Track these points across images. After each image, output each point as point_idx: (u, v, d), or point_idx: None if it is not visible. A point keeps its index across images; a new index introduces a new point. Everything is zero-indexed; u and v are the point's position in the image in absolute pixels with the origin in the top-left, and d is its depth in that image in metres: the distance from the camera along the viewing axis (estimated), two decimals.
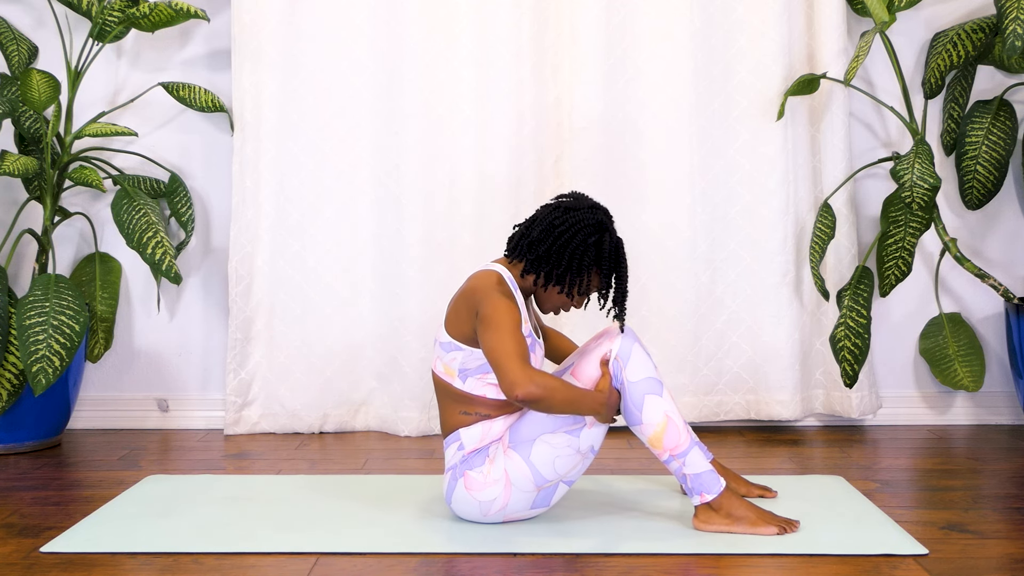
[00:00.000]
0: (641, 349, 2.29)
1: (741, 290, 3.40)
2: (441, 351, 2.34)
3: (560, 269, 2.29)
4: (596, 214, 2.31)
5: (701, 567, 2.08)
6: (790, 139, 3.37)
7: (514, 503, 2.29)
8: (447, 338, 2.32)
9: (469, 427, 2.33)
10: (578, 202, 2.34)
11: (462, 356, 2.30)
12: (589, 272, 2.30)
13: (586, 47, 3.35)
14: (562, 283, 2.31)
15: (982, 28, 3.27)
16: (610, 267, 2.31)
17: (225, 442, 3.32)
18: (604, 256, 2.29)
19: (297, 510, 2.49)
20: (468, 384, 2.32)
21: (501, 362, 2.17)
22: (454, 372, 2.32)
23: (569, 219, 2.29)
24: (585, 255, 2.28)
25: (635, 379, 2.26)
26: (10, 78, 3.32)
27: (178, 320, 3.56)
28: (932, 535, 2.29)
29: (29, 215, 3.50)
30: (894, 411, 3.52)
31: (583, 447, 2.27)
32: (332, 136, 3.41)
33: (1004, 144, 3.33)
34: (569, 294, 2.32)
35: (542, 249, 2.30)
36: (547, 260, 2.30)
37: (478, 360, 2.29)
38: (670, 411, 2.26)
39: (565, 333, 3.28)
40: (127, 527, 2.36)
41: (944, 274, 3.52)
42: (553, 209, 2.33)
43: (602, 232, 2.30)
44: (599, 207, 2.34)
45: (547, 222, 2.31)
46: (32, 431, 3.18)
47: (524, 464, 2.26)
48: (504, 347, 2.18)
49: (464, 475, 2.30)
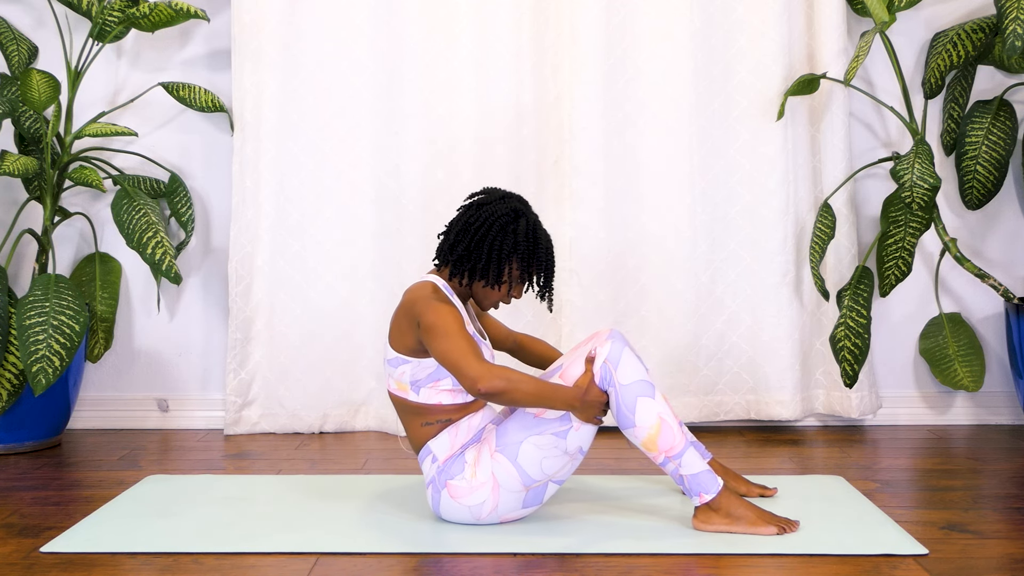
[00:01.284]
0: (631, 352, 2.28)
1: (741, 290, 3.40)
2: (390, 368, 2.36)
3: (481, 263, 2.30)
4: (508, 203, 2.34)
5: (701, 567, 2.08)
6: (790, 139, 3.37)
7: (504, 504, 2.30)
8: (393, 354, 2.34)
9: (436, 438, 2.34)
10: (489, 196, 2.37)
11: (411, 369, 2.32)
12: (509, 261, 2.31)
13: (586, 47, 3.35)
14: (485, 277, 2.32)
15: (982, 28, 3.27)
16: (527, 251, 2.31)
17: (225, 442, 3.32)
18: (520, 241, 2.30)
19: (297, 510, 2.49)
20: (422, 395, 2.33)
21: (457, 363, 2.20)
22: (407, 386, 2.34)
23: (482, 213, 2.32)
24: (503, 245, 2.30)
25: (626, 382, 2.25)
26: (10, 78, 3.32)
27: (178, 320, 3.56)
28: (932, 535, 2.29)
29: (29, 215, 3.50)
30: (894, 411, 3.52)
31: (571, 448, 2.27)
32: (332, 136, 3.41)
33: (1004, 144, 3.33)
34: (495, 286, 2.33)
35: (461, 248, 2.32)
36: (468, 258, 2.32)
37: (427, 369, 2.31)
38: (663, 412, 2.25)
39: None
40: (127, 527, 2.36)
41: (944, 274, 3.52)
42: (467, 208, 2.36)
43: (516, 219, 2.32)
44: (511, 195, 2.37)
45: (462, 222, 2.34)
46: (32, 431, 3.18)
47: (511, 465, 2.26)
48: (456, 348, 2.20)
49: (446, 485, 2.31)
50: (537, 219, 2.36)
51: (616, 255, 3.38)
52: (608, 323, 3.37)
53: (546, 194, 3.38)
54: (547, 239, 2.36)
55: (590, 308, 3.37)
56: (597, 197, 3.36)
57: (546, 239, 2.35)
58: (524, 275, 2.35)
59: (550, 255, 2.35)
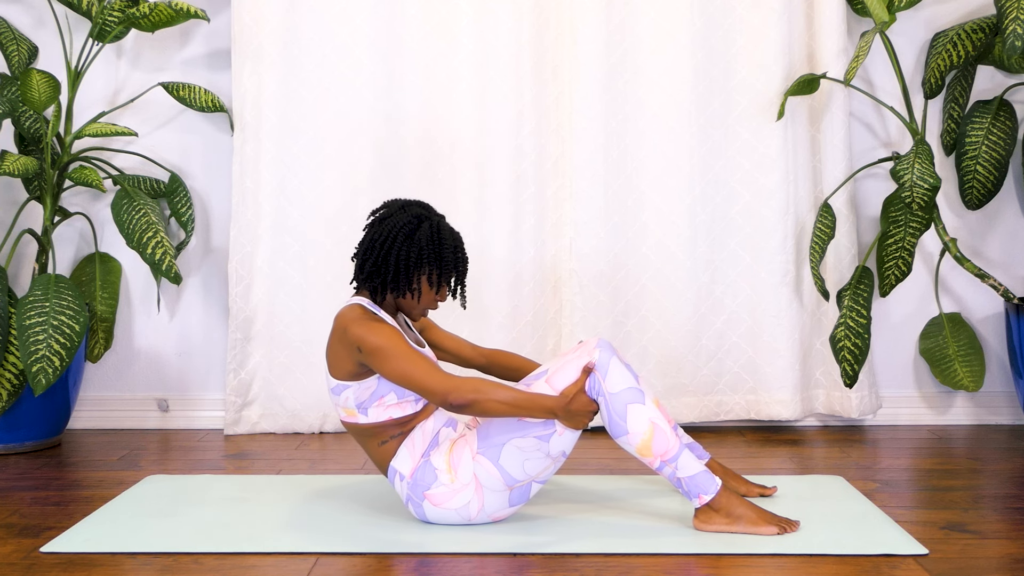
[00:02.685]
0: (619, 361, 2.28)
1: (741, 290, 3.40)
2: (335, 397, 2.36)
3: (390, 275, 2.30)
4: (408, 211, 2.33)
5: (701, 567, 2.08)
6: (790, 139, 3.37)
7: (490, 504, 2.30)
8: (335, 382, 2.34)
9: (396, 455, 2.34)
10: (389, 208, 2.37)
11: (353, 392, 2.32)
12: (418, 268, 2.30)
13: (586, 47, 3.35)
14: (397, 289, 2.32)
15: (982, 28, 3.27)
16: (432, 254, 2.30)
17: (225, 442, 3.32)
18: (424, 247, 2.29)
19: (297, 510, 2.49)
20: (371, 415, 2.33)
21: (420, 381, 2.21)
22: (354, 410, 2.34)
23: (384, 227, 2.32)
24: (409, 253, 2.29)
25: (615, 390, 2.25)
26: (10, 78, 3.32)
27: (178, 320, 3.56)
28: (932, 535, 2.29)
29: (29, 215, 3.50)
30: (894, 411, 3.52)
31: (554, 452, 2.27)
32: (332, 136, 3.41)
33: (1004, 144, 3.33)
34: (413, 295, 2.32)
35: (369, 265, 2.31)
36: (377, 273, 2.31)
37: (368, 389, 2.31)
38: (655, 417, 2.25)
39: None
40: (127, 527, 2.36)
41: (944, 274, 3.52)
42: (370, 226, 2.36)
43: (418, 226, 2.31)
44: (411, 203, 2.36)
45: (367, 240, 2.34)
46: (32, 431, 3.18)
47: (493, 467, 2.27)
48: (412, 366, 2.21)
49: (424, 496, 2.31)
50: (441, 220, 2.35)
51: (616, 255, 3.38)
52: (608, 323, 3.37)
53: (546, 194, 3.38)
54: (453, 238, 2.34)
55: (590, 308, 3.37)
56: (597, 197, 3.36)
57: (452, 238, 2.34)
58: (438, 278, 2.33)
59: (458, 253, 2.34)
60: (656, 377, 3.39)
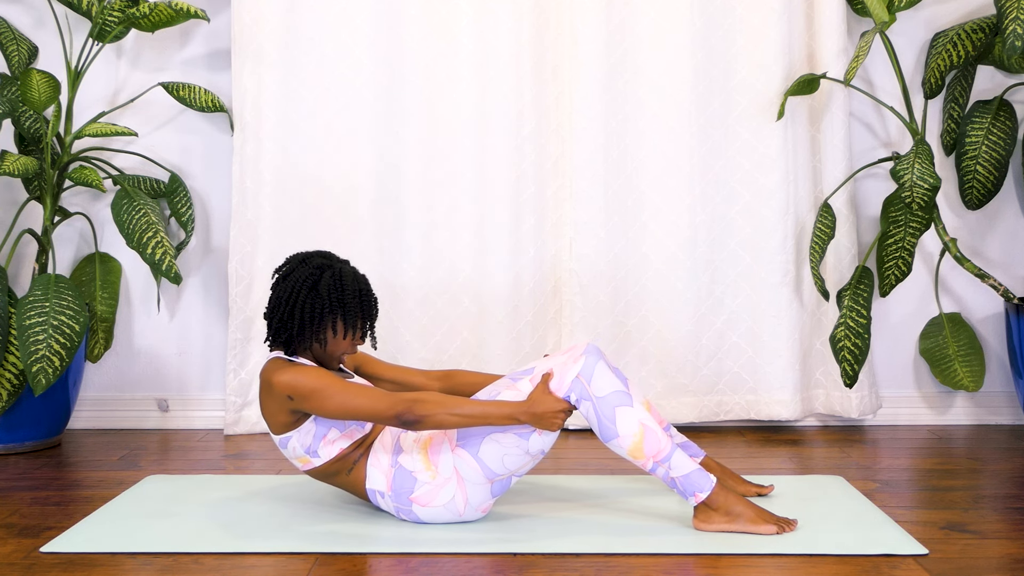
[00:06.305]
0: (605, 366, 2.28)
1: (741, 290, 3.40)
2: (284, 450, 2.37)
3: (295, 329, 2.30)
4: (309, 264, 2.34)
5: (700, 567, 2.08)
6: (790, 139, 3.37)
7: (474, 497, 2.31)
8: (277, 437, 2.35)
9: (368, 476, 2.35)
10: (290, 264, 2.37)
11: (297, 440, 2.32)
12: (323, 319, 2.30)
13: (586, 47, 3.35)
14: (305, 341, 2.32)
15: (982, 28, 3.27)
16: (335, 304, 2.30)
17: (225, 442, 3.32)
18: (326, 298, 2.29)
19: (297, 510, 2.49)
20: (323, 454, 2.33)
21: (368, 410, 2.21)
22: (306, 456, 2.34)
23: (287, 285, 2.32)
24: (314, 307, 2.29)
25: (602, 394, 2.25)
26: (10, 78, 3.32)
27: (178, 320, 3.56)
28: (932, 535, 2.29)
29: (29, 215, 3.50)
30: (894, 411, 3.52)
31: (532, 450, 2.27)
32: (332, 136, 3.41)
33: (1004, 144, 3.33)
34: (322, 344, 2.33)
35: (275, 322, 2.32)
36: (284, 328, 2.32)
37: (309, 432, 2.31)
38: (644, 419, 2.24)
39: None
40: (127, 527, 2.36)
41: (944, 274, 3.52)
42: (274, 285, 2.36)
43: (319, 277, 2.31)
44: (311, 255, 2.37)
45: (273, 299, 2.34)
46: (32, 431, 3.18)
47: (473, 460, 2.27)
48: (353, 399, 2.22)
49: (411, 500, 2.32)
50: (343, 267, 2.34)
51: (616, 255, 3.38)
52: (608, 323, 3.37)
53: (546, 194, 3.38)
54: (356, 282, 2.33)
55: (590, 308, 3.37)
56: (597, 197, 3.36)
57: (354, 283, 2.33)
58: (343, 325, 2.33)
59: (362, 297, 2.33)
60: (656, 377, 3.39)
